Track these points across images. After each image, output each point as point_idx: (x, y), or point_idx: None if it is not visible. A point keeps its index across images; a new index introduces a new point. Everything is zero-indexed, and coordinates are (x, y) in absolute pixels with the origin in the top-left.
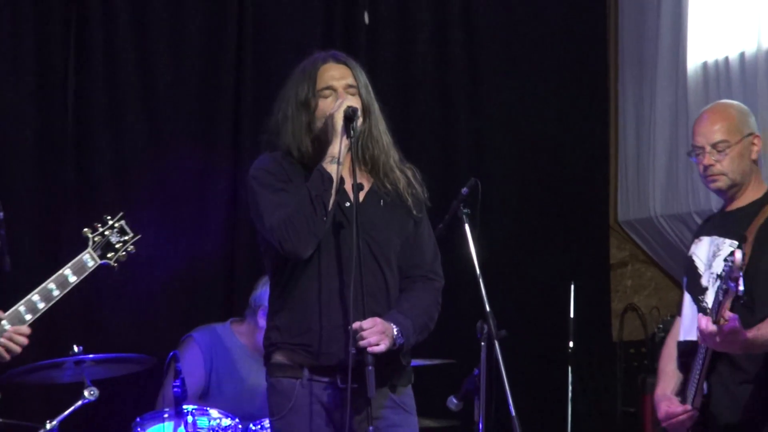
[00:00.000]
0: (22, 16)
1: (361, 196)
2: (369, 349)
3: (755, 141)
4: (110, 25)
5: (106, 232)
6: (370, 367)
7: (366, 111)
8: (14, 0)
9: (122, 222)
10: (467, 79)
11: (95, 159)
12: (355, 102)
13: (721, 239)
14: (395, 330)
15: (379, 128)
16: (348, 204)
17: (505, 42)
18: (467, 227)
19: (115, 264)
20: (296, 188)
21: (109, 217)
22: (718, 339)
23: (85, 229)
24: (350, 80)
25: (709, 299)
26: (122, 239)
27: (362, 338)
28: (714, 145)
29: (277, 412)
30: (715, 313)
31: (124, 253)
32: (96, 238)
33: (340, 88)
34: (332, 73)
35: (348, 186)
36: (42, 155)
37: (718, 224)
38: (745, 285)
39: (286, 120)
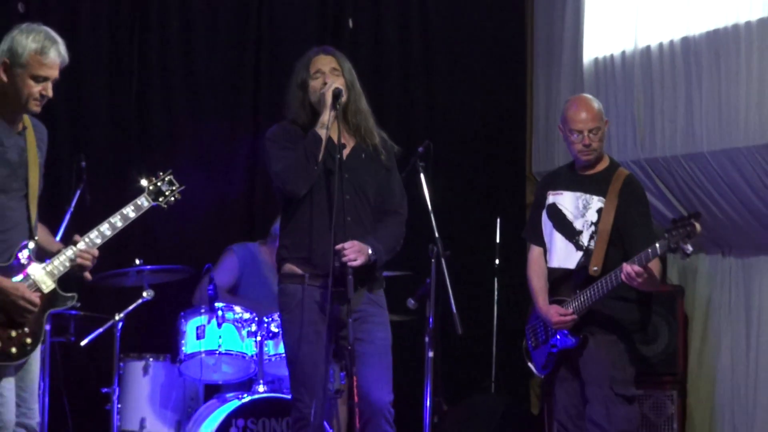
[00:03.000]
0: (99, 20)
1: (347, 151)
2: (349, 263)
3: (606, 125)
4: (163, 29)
5: (158, 183)
6: (350, 277)
7: (349, 88)
8: (94, 9)
9: (171, 176)
10: (423, 67)
11: (152, 126)
12: (339, 82)
13: (588, 195)
14: (370, 250)
15: (361, 101)
16: (337, 156)
17: (450, 39)
18: (422, 176)
19: (165, 206)
20: (296, 146)
21: (161, 173)
22: (640, 280)
23: (143, 180)
24: (335, 65)
25: (585, 240)
26: (170, 188)
27: (344, 255)
28: (590, 130)
29: (285, 308)
30: (645, 262)
31: (171, 198)
32: (151, 187)
33: (327, 71)
34: (322, 61)
35: (337, 143)
36: (114, 123)
37: (578, 184)
38: (617, 231)
39: (290, 97)
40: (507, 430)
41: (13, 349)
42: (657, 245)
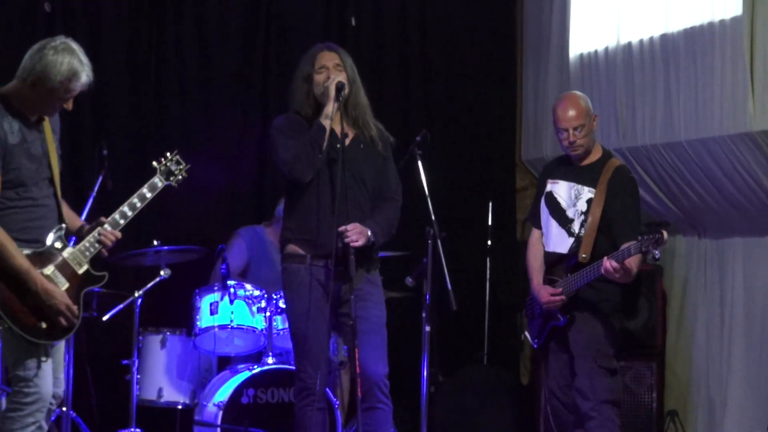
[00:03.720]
0: (120, 19)
1: (347, 141)
2: (351, 244)
3: (595, 120)
4: (179, 27)
5: (168, 163)
6: (351, 257)
7: (350, 83)
8: (115, 8)
9: (177, 156)
10: (420, 63)
11: (168, 116)
12: (342, 77)
13: (580, 186)
14: (369, 233)
15: (360, 95)
16: (338, 146)
17: (446, 36)
18: (419, 163)
19: (176, 184)
20: (301, 136)
21: (168, 153)
22: (617, 275)
23: (154, 162)
24: (338, 61)
25: (576, 227)
26: (179, 167)
27: (347, 236)
28: (575, 128)
29: (288, 286)
30: (622, 260)
31: (180, 177)
32: (162, 168)
33: (331, 67)
34: (326, 57)
35: (338, 133)
36: (133, 114)
37: (572, 174)
38: (605, 220)
39: (295, 90)
40: (498, 399)
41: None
42: (631, 247)
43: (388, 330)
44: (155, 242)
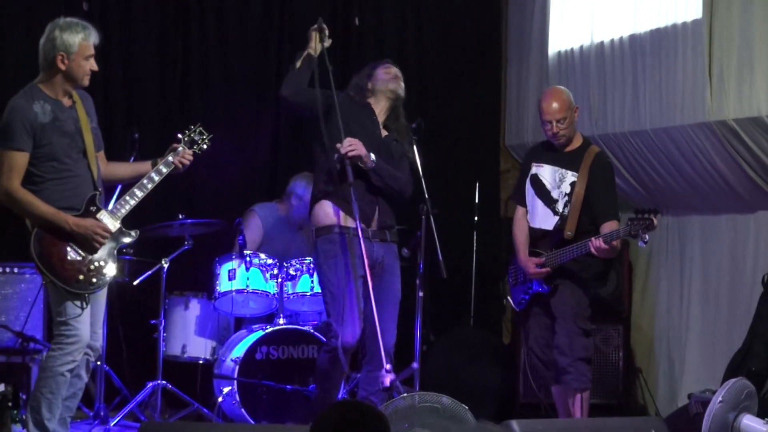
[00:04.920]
0: (149, 15)
1: (385, 132)
2: (348, 154)
3: (576, 111)
4: (202, 21)
5: (192, 134)
6: (348, 167)
7: (399, 98)
8: (145, 6)
9: (200, 127)
10: (416, 58)
11: (193, 102)
12: (400, 88)
13: (564, 170)
14: (372, 156)
15: (401, 110)
16: (377, 132)
17: (439, 35)
18: (415, 147)
19: (199, 152)
20: (352, 115)
21: (192, 126)
22: (605, 253)
23: (179, 134)
24: (401, 78)
25: (560, 207)
26: (201, 137)
27: (344, 147)
28: (558, 120)
29: (327, 255)
30: (611, 240)
31: (203, 146)
32: (186, 138)
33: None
34: (393, 69)
35: (380, 121)
36: (161, 100)
37: (556, 159)
38: (587, 201)
39: (357, 80)
40: (483, 356)
41: (94, 279)
42: (620, 230)
43: None
44: (180, 216)
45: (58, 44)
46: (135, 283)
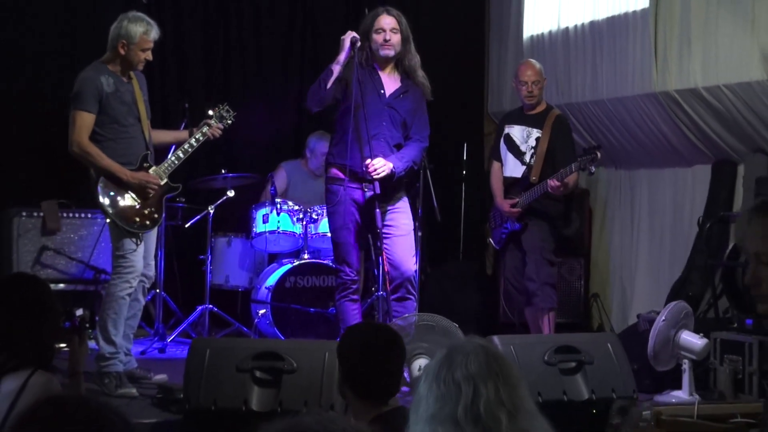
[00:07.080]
0: (196, 8)
1: (392, 89)
2: (374, 175)
3: (545, 81)
4: (240, 12)
5: (221, 111)
6: (376, 183)
7: (405, 41)
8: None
9: (227, 106)
10: (414, 38)
11: (232, 78)
12: (396, 39)
13: (530, 128)
14: (392, 166)
15: (412, 51)
16: (382, 91)
17: (432, 20)
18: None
19: (226, 126)
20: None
21: (220, 105)
22: (560, 190)
23: (210, 111)
24: (395, 25)
25: (527, 158)
26: (228, 114)
27: (370, 168)
28: (533, 82)
29: (330, 202)
30: (563, 178)
31: (229, 121)
32: (215, 114)
33: (387, 30)
34: (385, 20)
35: (385, 82)
36: (206, 77)
37: (524, 120)
38: (549, 153)
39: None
40: (470, 284)
41: (148, 222)
42: (572, 166)
43: None
44: (223, 170)
45: (123, 33)
46: (186, 225)
